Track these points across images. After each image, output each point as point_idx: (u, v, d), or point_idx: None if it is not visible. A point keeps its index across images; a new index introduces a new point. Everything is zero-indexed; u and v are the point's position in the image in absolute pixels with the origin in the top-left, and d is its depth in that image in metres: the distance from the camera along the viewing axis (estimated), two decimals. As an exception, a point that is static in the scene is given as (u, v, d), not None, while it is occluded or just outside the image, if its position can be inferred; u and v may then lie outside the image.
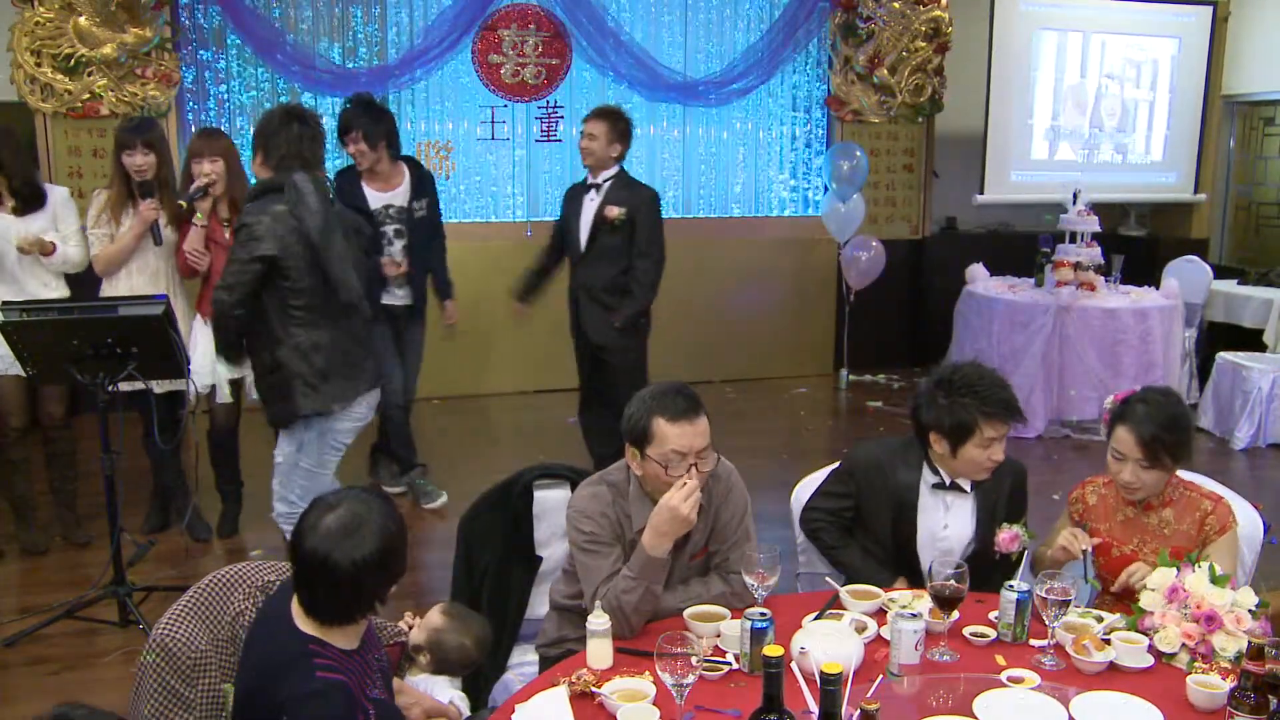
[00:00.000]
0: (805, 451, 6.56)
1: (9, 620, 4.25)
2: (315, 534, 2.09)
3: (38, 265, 4.68)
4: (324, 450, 4.03)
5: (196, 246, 4.68)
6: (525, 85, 7.57)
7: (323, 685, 2.06)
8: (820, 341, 8.39)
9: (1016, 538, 2.85)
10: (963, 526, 3.00)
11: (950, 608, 2.51)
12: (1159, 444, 2.82)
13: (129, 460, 4.38)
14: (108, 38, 6.59)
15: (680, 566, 2.81)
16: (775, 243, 8.21)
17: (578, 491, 2.80)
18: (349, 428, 4.05)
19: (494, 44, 7.48)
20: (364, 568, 2.08)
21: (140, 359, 4.04)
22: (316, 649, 2.11)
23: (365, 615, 2.18)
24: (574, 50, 7.61)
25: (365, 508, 2.13)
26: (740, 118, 8.12)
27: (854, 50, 8.07)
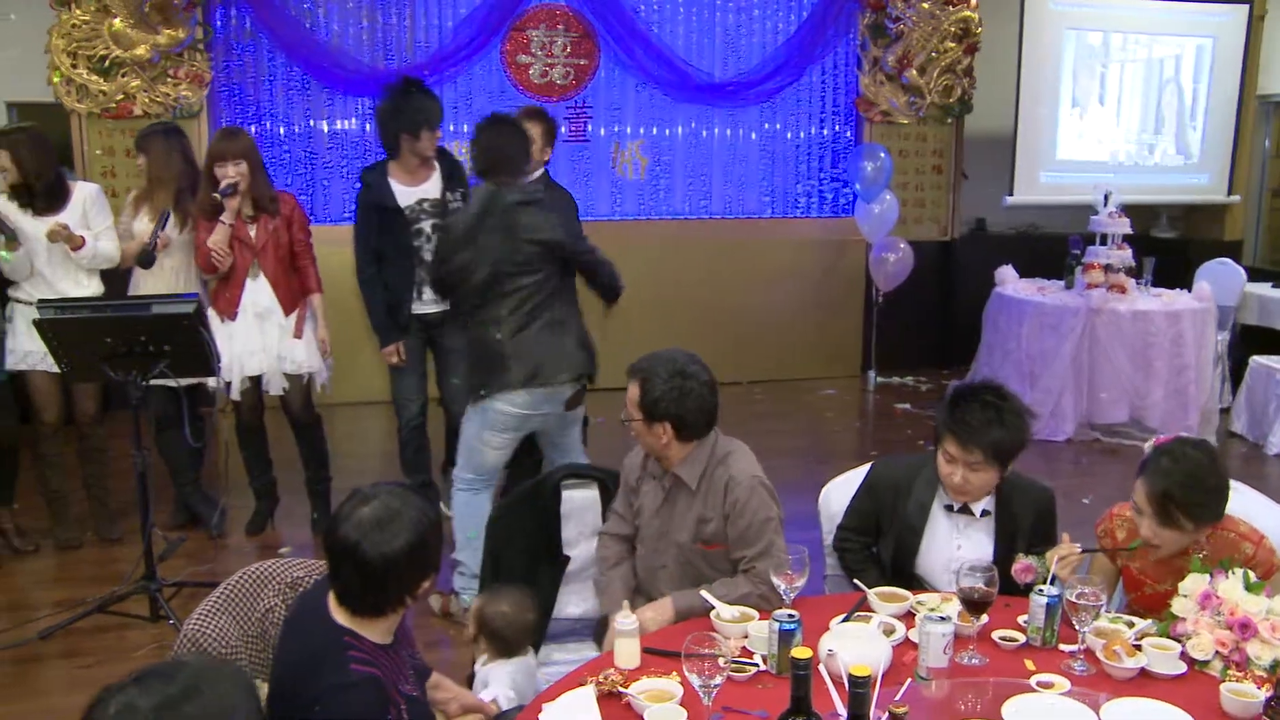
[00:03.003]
0: (832, 453, 6.53)
1: (44, 614, 4.29)
2: (348, 523, 2.11)
3: (68, 263, 4.72)
4: (486, 424, 4.06)
5: (221, 245, 4.70)
6: (553, 85, 7.59)
7: (356, 678, 2.07)
8: (848, 343, 8.35)
9: (1031, 569, 2.72)
10: (978, 550, 2.93)
11: (979, 611, 2.49)
12: (1170, 502, 2.63)
13: (157, 457, 4.42)
14: (141, 39, 6.66)
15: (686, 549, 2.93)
16: (803, 244, 8.18)
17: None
18: (510, 411, 4.02)
19: (523, 44, 7.50)
20: (393, 561, 2.09)
21: (172, 357, 4.08)
22: (352, 641, 2.12)
23: (395, 610, 2.19)
24: (602, 51, 7.62)
25: (400, 502, 2.14)
26: (768, 119, 8.10)
27: (883, 51, 8.04)
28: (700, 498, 2.92)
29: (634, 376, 2.95)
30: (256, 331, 4.80)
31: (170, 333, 4.06)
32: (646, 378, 2.91)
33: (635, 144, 7.85)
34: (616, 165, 7.83)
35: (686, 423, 2.90)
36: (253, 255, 4.77)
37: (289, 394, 4.94)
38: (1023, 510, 2.93)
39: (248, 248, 4.76)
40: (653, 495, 3.02)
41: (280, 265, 4.81)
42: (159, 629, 4.16)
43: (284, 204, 4.83)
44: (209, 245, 4.68)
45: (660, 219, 7.97)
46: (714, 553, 2.92)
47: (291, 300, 4.85)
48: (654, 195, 7.97)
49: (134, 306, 4.23)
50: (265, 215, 4.77)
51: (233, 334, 4.75)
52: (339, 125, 7.32)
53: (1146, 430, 6.56)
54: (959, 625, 2.46)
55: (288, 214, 4.82)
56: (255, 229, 4.77)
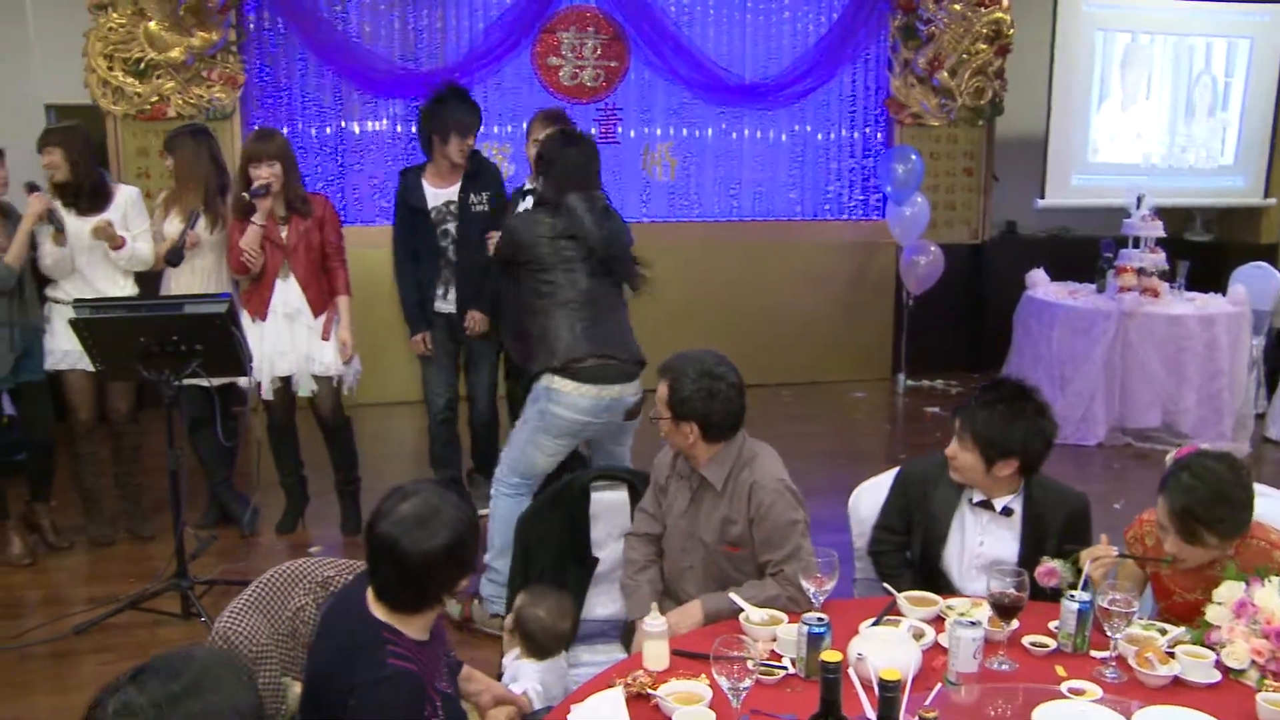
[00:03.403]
0: (862, 456, 6.51)
1: (78, 610, 4.34)
2: (388, 519, 2.13)
3: (106, 263, 4.78)
4: (543, 428, 3.99)
5: (253, 246, 4.73)
6: (584, 87, 7.60)
7: (393, 672, 2.09)
8: (878, 346, 8.32)
9: (1054, 573, 2.71)
10: (1001, 548, 2.93)
11: (1009, 616, 2.47)
12: (1193, 519, 2.57)
13: (190, 456, 4.46)
14: (175, 41, 6.72)
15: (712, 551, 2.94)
16: (834, 246, 8.15)
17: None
18: (571, 418, 3.96)
19: (553, 46, 7.51)
20: (432, 559, 2.11)
21: (204, 356, 4.12)
22: (390, 636, 2.14)
23: (433, 606, 2.20)
24: (632, 53, 7.62)
25: (440, 499, 2.16)
26: (799, 121, 8.07)
27: (914, 53, 8.00)
28: (725, 499, 2.93)
29: (663, 375, 2.96)
30: (286, 332, 4.83)
31: (202, 332, 4.09)
32: (675, 377, 2.92)
33: (665, 146, 7.84)
34: (646, 167, 7.83)
35: (713, 423, 2.90)
36: (283, 256, 4.80)
37: (318, 396, 4.96)
38: (1053, 514, 2.92)
39: (278, 248, 4.79)
40: (681, 495, 3.03)
41: (311, 266, 4.83)
42: (190, 626, 4.20)
43: (316, 205, 4.86)
44: (240, 246, 4.73)
45: (690, 221, 7.95)
46: (739, 555, 2.92)
47: (321, 302, 4.88)
48: (684, 197, 7.97)
49: (167, 306, 4.28)
50: (297, 216, 4.80)
51: (263, 334, 4.79)
52: (370, 126, 7.34)
53: (1179, 436, 6.50)
54: (989, 630, 2.45)
55: (320, 215, 4.85)
56: (287, 230, 4.80)
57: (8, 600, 4.58)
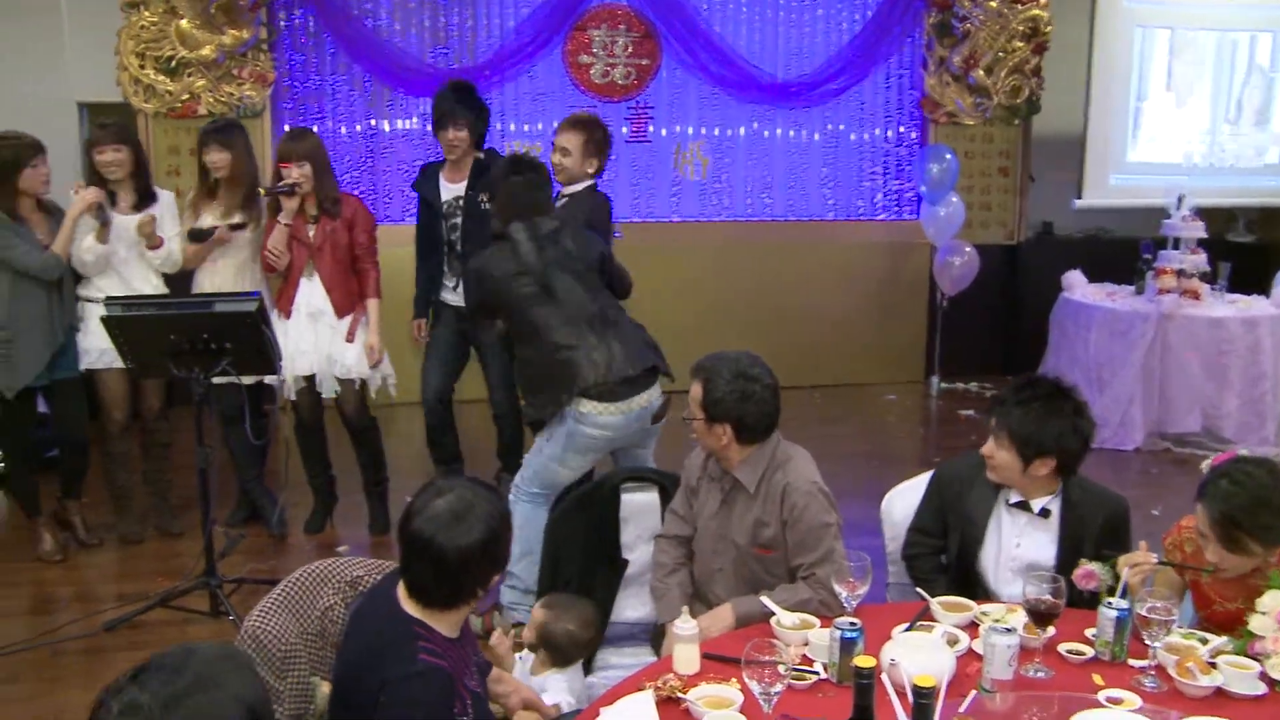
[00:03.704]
0: (895, 459, 6.47)
1: (108, 607, 4.39)
2: (422, 516, 2.15)
3: (142, 261, 4.82)
4: (570, 446, 3.94)
5: (278, 245, 4.75)
6: (615, 85, 7.60)
7: (425, 668, 2.10)
8: (911, 348, 8.27)
9: (1092, 576, 2.69)
10: (1038, 551, 2.91)
11: (1045, 623, 2.45)
12: (1235, 526, 2.53)
13: (220, 453, 4.50)
14: (207, 39, 6.78)
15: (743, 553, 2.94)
16: (867, 247, 8.12)
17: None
18: (600, 435, 3.92)
19: (584, 44, 7.52)
20: (468, 555, 2.13)
21: (234, 354, 4.15)
22: (421, 631, 2.16)
23: (467, 602, 2.23)
24: (664, 51, 7.62)
25: (474, 495, 2.19)
26: (832, 120, 8.03)
27: (949, 50, 7.94)
28: (758, 501, 2.92)
29: (697, 375, 2.96)
30: (308, 331, 4.85)
31: (232, 330, 4.13)
32: (709, 377, 2.92)
33: (697, 144, 7.82)
34: (678, 166, 7.82)
35: (747, 425, 2.90)
36: (309, 255, 4.81)
37: (341, 397, 4.98)
38: (1091, 516, 2.90)
39: (305, 247, 4.81)
40: (712, 497, 3.03)
41: (337, 267, 4.84)
42: (219, 624, 4.23)
43: (346, 206, 4.86)
44: (267, 244, 4.77)
45: (721, 220, 7.94)
46: (770, 558, 2.92)
47: (347, 303, 4.88)
48: (715, 196, 7.95)
49: (197, 304, 4.31)
50: (326, 216, 4.81)
51: (287, 332, 4.81)
52: (400, 125, 7.37)
53: (1220, 441, 6.42)
54: (1024, 637, 2.42)
55: (349, 216, 4.84)
56: (315, 229, 4.81)
57: (39, 596, 4.65)
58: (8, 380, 4.63)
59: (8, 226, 4.55)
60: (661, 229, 7.71)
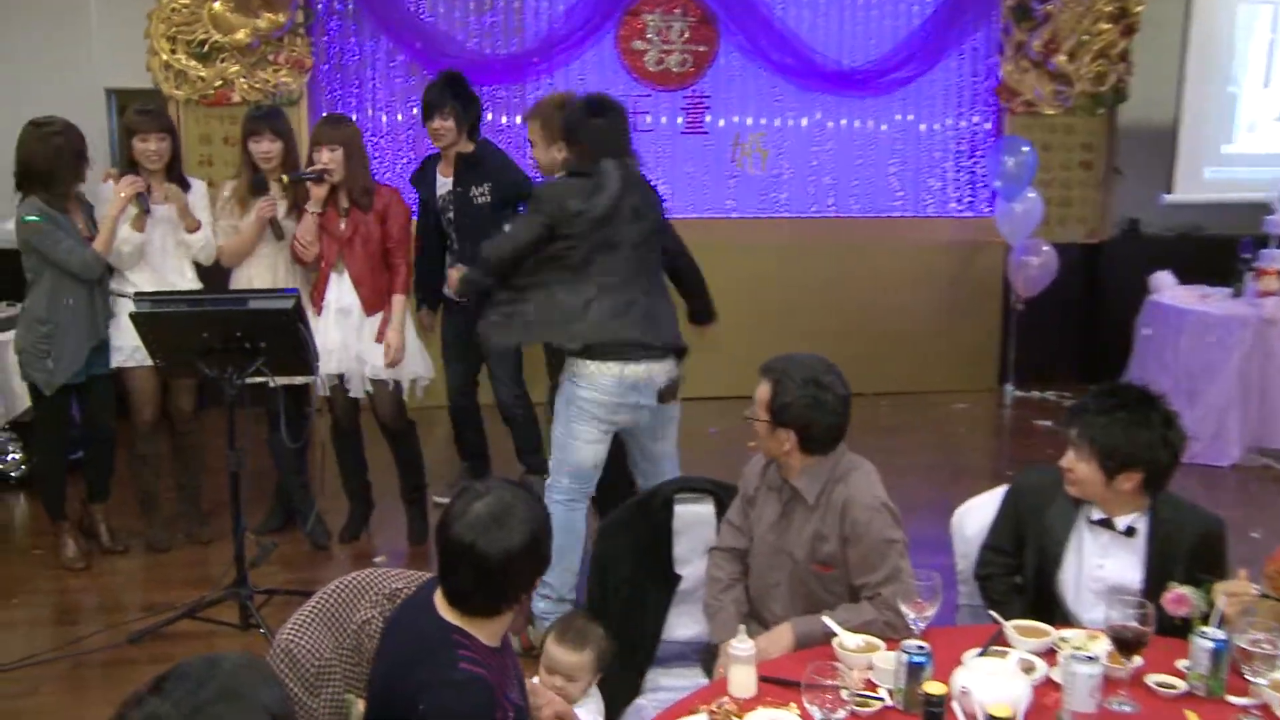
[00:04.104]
0: (965, 472, 6.42)
1: (134, 617, 4.46)
2: (461, 521, 2.17)
3: (175, 253, 4.90)
4: (572, 416, 4.04)
5: (306, 234, 4.80)
6: (670, 74, 7.61)
7: (465, 676, 2.12)
8: (983, 354, 8.20)
9: (1184, 601, 2.62)
10: (1123, 572, 2.86)
11: (1131, 652, 2.41)
12: None
13: (251, 458, 4.55)
14: (241, 23, 6.86)
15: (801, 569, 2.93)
16: (936, 245, 8.06)
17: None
18: (593, 398, 3.99)
19: (637, 30, 7.53)
20: (512, 558, 2.15)
21: (269, 354, 4.19)
22: (461, 639, 2.18)
23: (510, 608, 2.25)
24: (722, 36, 7.61)
25: (513, 496, 2.21)
26: (900, 110, 7.99)
27: (1028, 35, 7.85)
28: (817, 514, 2.91)
29: (766, 376, 2.95)
30: (336, 329, 4.89)
31: (267, 329, 4.17)
32: (780, 380, 2.91)
33: (756, 136, 7.81)
34: (736, 159, 7.81)
35: (813, 435, 2.89)
36: (339, 249, 4.85)
37: (376, 399, 5.01)
38: (1182, 536, 2.84)
39: (335, 240, 4.85)
40: (770, 507, 3.02)
41: (367, 262, 4.86)
42: (249, 637, 4.28)
43: (379, 197, 4.87)
44: (296, 234, 4.83)
45: (781, 216, 7.92)
46: (829, 575, 2.91)
47: (376, 300, 4.91)
48: (775, 191, 7.93)
49: (231, 301, 4.36)
50: (358, 209, 4.84)
51: (317, 329, 4.84)
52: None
53: (1327, 458, 6.31)
54: (1108, 667, 2.39)
55: (381, 208, 4.85)
56: (345, 222, 4.85)
57: (62, 605, 4.73)
58: (47, 376, 4.73)
59: (55, 221, 4.64)
60: (717, 225, 7.70)
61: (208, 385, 4.60)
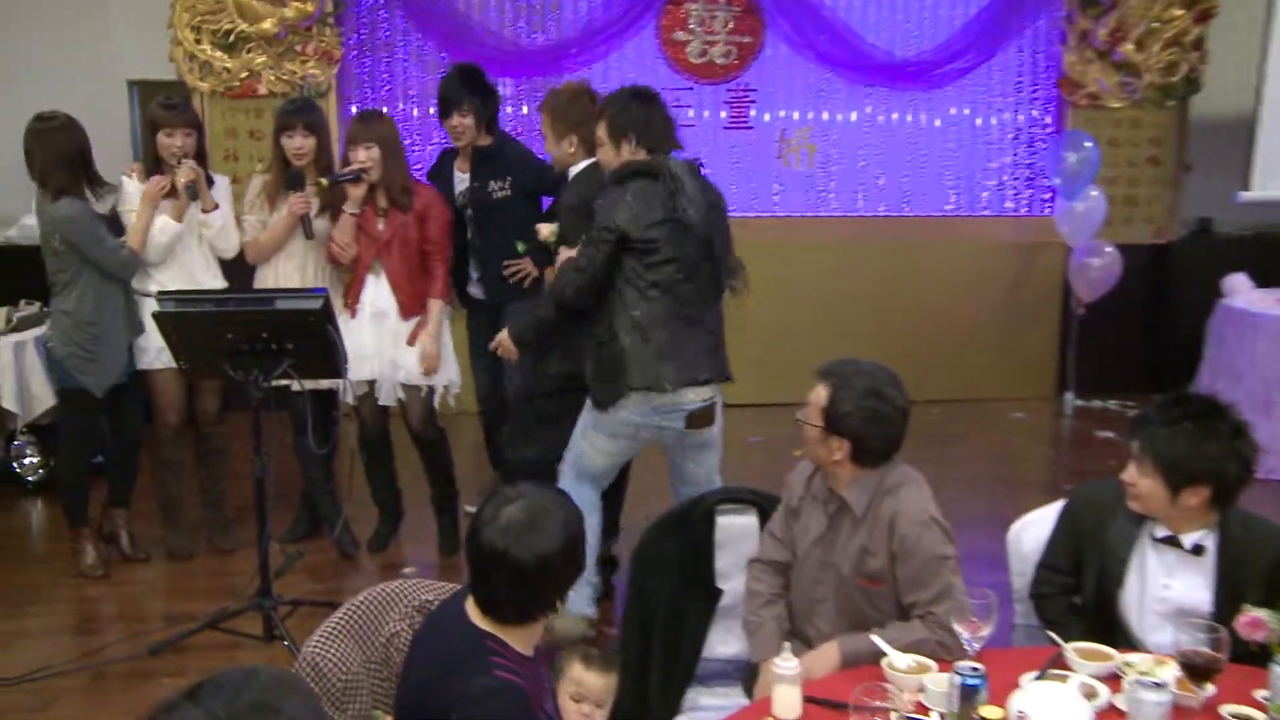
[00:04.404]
0: (1022, 484, 6.39)
1: (154, 627, 4.51)
2: (493, 527, 2.18)
3: (200, 249, 4.96)
4: (592, 420, 4.02)
5: (344, 236, 4.83)
6: (714, 66, 7.61)
7: (500, 684, 2.13)
8: (1042, 361, 8.14)
9: (1261, 625, 2.58)
10: (1191, 593, 2.83)
11: (1203, 679, 2.38)
12: None
13: (277, 463, 4.58)
14: (268, 12, 6.91)
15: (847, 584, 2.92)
16: (992, 246, 8.02)
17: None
18: (619, 416, 3.97)
19: (680, 20, 7.54)
20: (547, 562, 2.17)
21: (296, 356, 4.21)
22: (495, 646, 2.20)
23: (542, 614, 2.27)
24: (768, 27, 7.60)
25: (546, 499, 2.24)
26: (954, 103, 7.95)
27: (1093, 23, 7.76)
28: (865, 527, 2.90)
29: (824, 380, 2.94)
30: (371, 333, 4.92)
31: (294, 330, 4.19)
32: (839, 386, 2.90)
33: (803, 131, 7.79)
34: (782, 155, 7.79)
35: (868, 447, 2.88)
36: (376, 250, 4.89)
37: (407, 406, 5.04)
38: (1256, 555, 2.81)
39: (373, 242, 4.88)
40: (815, 519, 3.01)
41: (405, 264, 4.90)
42: (272, 650, 4.31)
43: (419, 198, 4.90)
44: (331, 235, 4.85)
45: (829, 216, 7.91)
46: (876, 591, 2.90)
47: (413, 304, 4.94)
48: (823, 189, 7.91)
49: (257, 301, 4.39)
50: (396, 209, 4.87)
51: (350, 332, 4.88)
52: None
53: None
54: (1178, 694, 2.36)
55: (420, 209, 4.88)
56: (384, 223, 4.88)
57: (81, 615, 4.79)
58: (96, 378, 4.80)
59: (95, 216, 4.70)
60: (762, 225, 7.69)
61: (232, 388, 4.64)
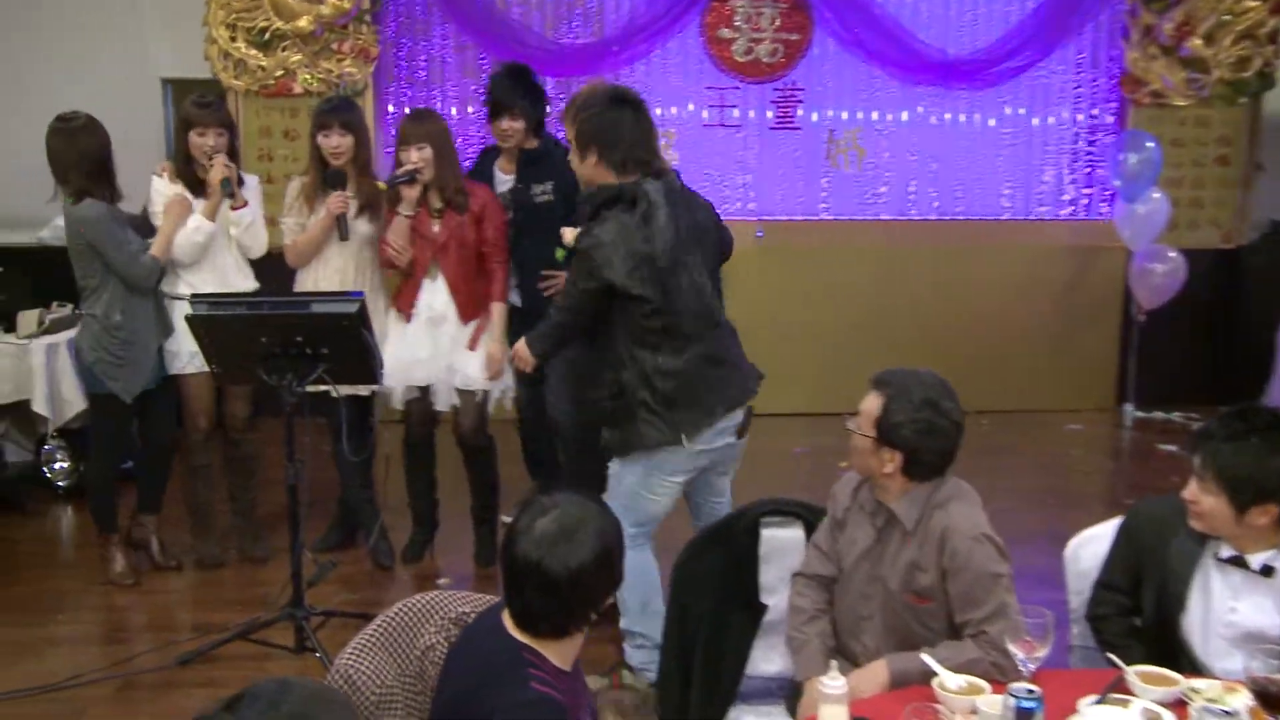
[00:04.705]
0: (1078, 499, 6.34)
1: (184, 637, 4.57)
2: (528, 537, 2.21)
3: (232, 249, 5.02)
4: (650, 475, 3.90)
5: (399, 239, 4.86)
6: (760, 64, 7.61)
7: (537, 697, 2.16)
8: (1100, 370, 8.08)
9: None
10: (1259, 616, 2.79)
11: (1276, 709, 2.36)
12: None
13: (310, 470, 4.62)
14: (304, 9, 6.97)
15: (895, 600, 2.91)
16: (1049, 250, 7.97)
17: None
18: (680, 451, 3.88)
19: (725, 17, 7.54)
20: (581, 574, 2.20)
21: (331, 361, 4.24)
22: (532, 659, 2.22)
23: (580, 628, 2.29)
24: (817, 24, 7.59)
25: (581, 510, 2.26)
26: (1010, 102, 7.91)
27: (1158, 17, 7.68)
28: (915, 542, 2.90)
29: (879, 389, 2.94)
30: (427, 337, 4.95)
31: (330, 334, 4.22)
32: (893, 396, 2.91)
33: (852, 132, 7.78)
34: (830, 156, 7.78)
35: (920, 460, 2.88)
36: (433, 253, 4.91)
37: (460, 412, 5.06)
38: None
39: (429, 244, 4.90)
40: (863, 532, 3.01)
41: (463, 266, 4.93)
42: (304, 662, 4.34)
43: (475, 198, 4.93)
44: (386, 239, 4.88)
45: (878, 219, 7.89)
46: (925, 608, 2.90)
47: (473, 307, 4.97)
48: (872, 191, 7.90)
49: (292, 304, 4.42)
50: (452, 210, 4.89)
51: (405, 337, 4.92)
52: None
53: None
54: (1249, 724, 2.34)
55: (477, 210, 4.92)
56: (439, 224, 4.91)
57: (109, 624, 4.87)
58: (126, 384, 4.86)
59: (117, 219, 4.76)
60: (810, 228, 7.70)
61: (263, 393, 4.68)
